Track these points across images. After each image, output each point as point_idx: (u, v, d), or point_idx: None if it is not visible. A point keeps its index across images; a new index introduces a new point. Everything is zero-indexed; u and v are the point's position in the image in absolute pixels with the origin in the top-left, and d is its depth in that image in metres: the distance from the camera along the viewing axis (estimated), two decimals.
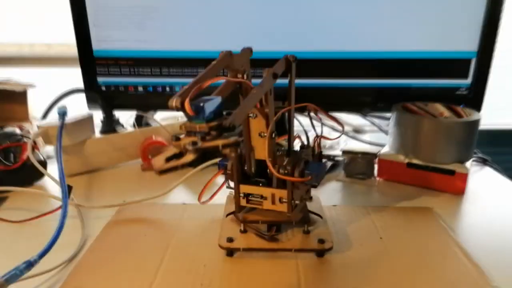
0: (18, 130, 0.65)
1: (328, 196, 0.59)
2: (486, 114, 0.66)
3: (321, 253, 0.44)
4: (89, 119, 0.66)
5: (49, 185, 0.63)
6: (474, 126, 0.59)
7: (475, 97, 0.69)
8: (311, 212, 0.49)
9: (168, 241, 0.47)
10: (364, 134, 0.86)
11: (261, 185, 0.44)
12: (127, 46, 0.69)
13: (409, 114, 0.62)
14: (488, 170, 0.69)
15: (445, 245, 0.47)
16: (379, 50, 0.68)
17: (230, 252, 0.44)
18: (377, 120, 0.87)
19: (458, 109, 0.64)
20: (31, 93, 0.69)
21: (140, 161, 0.68)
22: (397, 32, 0.67)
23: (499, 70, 0.73)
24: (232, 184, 0.45)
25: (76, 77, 0.70)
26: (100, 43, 0.69)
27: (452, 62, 0.68)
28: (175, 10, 0.67)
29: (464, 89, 0.69)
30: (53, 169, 0.60)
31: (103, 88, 0.71)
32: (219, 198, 0.48)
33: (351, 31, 0.67)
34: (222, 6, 0.67)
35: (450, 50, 0.67)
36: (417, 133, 0.60)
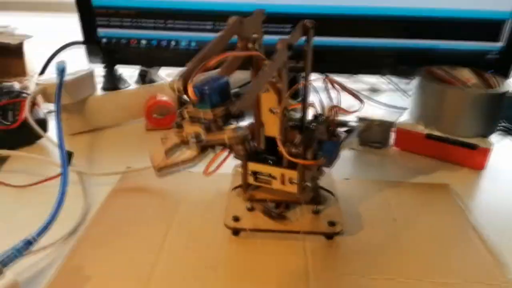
0: (16, 85, 0.62)
1: (340, 166, 0.55)
2: None
3: (330, 236, 0.42)
4: (90, 76, 0.62)
5: (50, 144, 0.60)
6: (502, 99, 0.55)
7: (506, 62, 0.63)
8: (322, 188, 0.46)
9: (171, 216, 0.45)
10: (381, 94, 0.82)
11: (270, 162, 0.41)
12: None
13: (433, 82, 0.57)
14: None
15: (460, 229, 0.44)
16: (404, 6, 0.61)
17: (236, 231, 0.42)
18: (394, 78, 0.81)
19: (486, 75, 0.59)
20: (28, 44, 0.64)
21: (144, 120, 0.65)
22: None
23: None
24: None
25: (76, 27, 0.65)
26: None
27: (483, 23, 0.61)
28: None
29: (494, 53, 0.63)
30: (55, 126, 0.57)
31: (104, 40, 0.66)
32: (226, 167, 0.45)
33: None
34: None
35: (482, 9, 0.60)
36: (440, 103, 0.56)
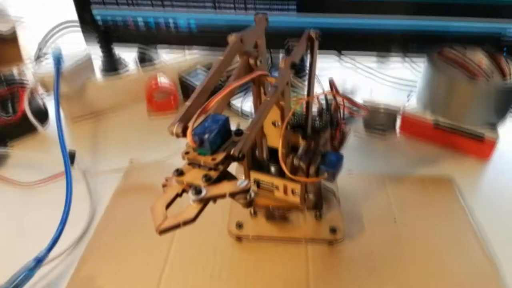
0: (15, 72, 0.60)
1: (344, 154, 0.56)
2: None
3: (331, 242, 0.43)
4: (87, 61, 0.60)
5: (53, 133, 0.59)
6: None
7: None
8: (325, 188, 0.47)
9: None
10: (387, 69, 0.78)
11: (273, 170, 0.41)
12: None
13: (444, 66, 0.55)
14: None
15: (460, 233, 0.45)
16: None
17: (239, 237, 0.43)
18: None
19: (499, 58, 0.56)
20: (20, 26, 0.61)
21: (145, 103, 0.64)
22: None
23: None
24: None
25: (69, 5, 0.62)
26: None
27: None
28: None
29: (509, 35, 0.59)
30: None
31: (99, 20, 0.63)
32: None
33: None
34: None
35: None
36: (449, 92, 0.54)
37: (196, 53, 0.68)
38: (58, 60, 0.55)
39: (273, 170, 0.41)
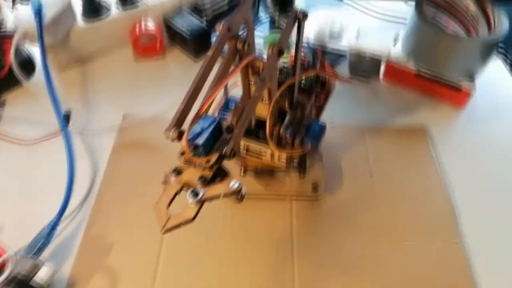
0: None
1: (329, 104, 0.58)
2: None
3: (313, 198, 0.48)
4: (68, 7, 0.58)
5: (41, 82, 0.59)
6: (495, 45, 0.54)
7: None
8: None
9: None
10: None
11: (260, 137, 0.44)
12: None
13: (428, 23, 0.55)
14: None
15: (429, 184, 0.50)
16: None
17: None
18: None
19: (486, 5, 0.56)
20: None
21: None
22: None
23: None
24: None
25: None
26: None
27: None
28: None
29: None
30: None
31: None
32: None
33: None
34: None
35: None
36: (433, 44, 0.55)
37: None
38: (39, 12, 0.53)
39: (261, 136, 0.44)
